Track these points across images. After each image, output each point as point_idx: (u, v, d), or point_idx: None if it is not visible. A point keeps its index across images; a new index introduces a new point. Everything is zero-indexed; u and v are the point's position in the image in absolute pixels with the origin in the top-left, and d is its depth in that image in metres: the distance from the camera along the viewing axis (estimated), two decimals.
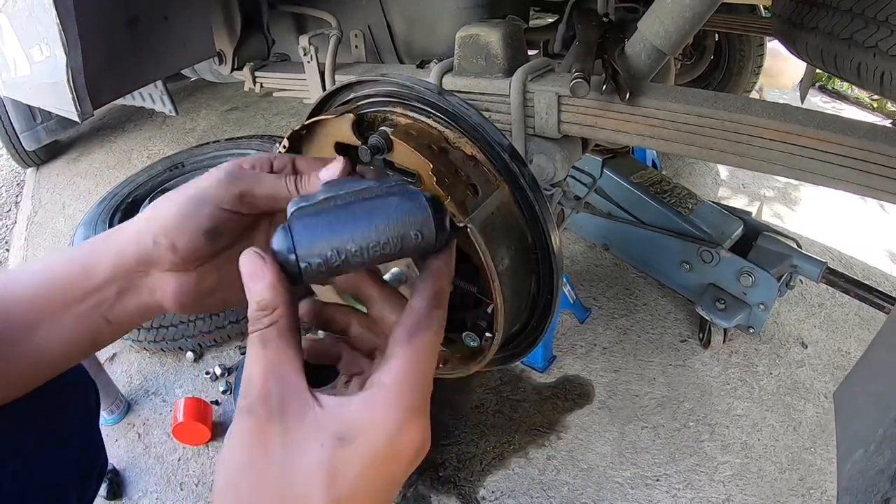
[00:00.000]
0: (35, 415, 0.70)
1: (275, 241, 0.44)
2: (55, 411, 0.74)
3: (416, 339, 0.44)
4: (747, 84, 3.22)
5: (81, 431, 0.80)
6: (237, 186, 0.54)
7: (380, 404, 0.41)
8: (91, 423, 0.85)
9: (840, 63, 1.02)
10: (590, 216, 2.34)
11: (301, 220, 0.44)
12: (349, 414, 0.40)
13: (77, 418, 0.80)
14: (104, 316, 0.58)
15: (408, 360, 0.43)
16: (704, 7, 0.89)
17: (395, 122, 0.68)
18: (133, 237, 0.56)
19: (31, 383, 0.63)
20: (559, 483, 1.58)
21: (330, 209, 0.45)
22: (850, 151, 0.81)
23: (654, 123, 0.98)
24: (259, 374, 0.41)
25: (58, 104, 1.16)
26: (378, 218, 0.44)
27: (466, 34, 1.11)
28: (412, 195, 0.45)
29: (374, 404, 0.41)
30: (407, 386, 0.42)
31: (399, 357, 0.43)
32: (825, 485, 1.58)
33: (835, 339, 2.07)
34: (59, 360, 0.61)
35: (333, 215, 0.44)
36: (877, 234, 2.76)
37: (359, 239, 0.43)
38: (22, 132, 3.38)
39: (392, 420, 0.40)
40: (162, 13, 1.26)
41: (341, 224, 0.44)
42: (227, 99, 4.37)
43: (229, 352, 2.04)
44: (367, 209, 0.44)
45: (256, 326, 0.42)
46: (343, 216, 0.44)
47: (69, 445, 0.76)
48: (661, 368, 1.93)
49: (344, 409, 0.40)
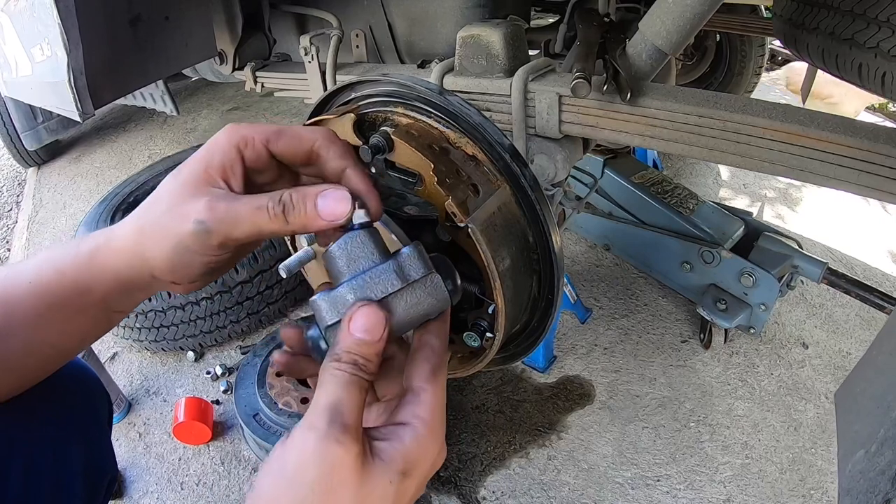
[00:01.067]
0: (44, 415, 0.71)
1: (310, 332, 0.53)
2: (65, 415, 0.76)
3: (440, 375, 0.51)
4: (748, 84, 3.22)
5: (90, 439, 0.81)
6: (213, 239, 0.50)
7: (426, 438, 0.48)
8: (101, 432, 0.85)
9: (841, 63, 1.02)
10: (591, 216, 2.33)
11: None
12: (407, 451, 0.47)
13: (87, 426, 0.81)
14: (110, 310, 0.60)
15: (436, 395, 0.50)
16: (705, 7, 0.89)
17: (397, 121, 0.68)
18: (128, 263, 0.54)
19: (44, 372, 0.64)
20: (560, 483, 1.58)
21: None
22: (851, 152, 0.81)
23: (655, 124, 0.98)
24: (351, 412, 0.45)
25: (59, 104, 1.16)
26: (409, 315, 0.51)
27: (468, 34, 1.11)
28: (436, 290, 0.52)
29: (422, 439, 0.48)
30: (438, 418, 0.49)
31: (429, 392, 0.50)
32: (826, 485, 1.58)
33: (836, 339, 2.07)
34: (68, 349, 0.62)
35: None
36: (878, 234, 2.76)
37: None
38: (23, 132, 3.38)
39: (434, 450, 0.49)
40: (163, 13, 1.26)
41: None
42: (229, 99, 4.37)
43: (230, 351, 2.04)
44: (396, 307, 0.51)
45: (353, 371, 0.47)
46: None
47: (76, 449, 0.76)
48: (662, 369, 1.93)
49: (402, 447, 0.47)
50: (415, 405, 0.49)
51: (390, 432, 0.48)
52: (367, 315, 0.48)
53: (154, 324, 1.87)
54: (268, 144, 0.53)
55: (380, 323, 0.48)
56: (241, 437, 1.72)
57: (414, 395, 0.50)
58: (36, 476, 0.68)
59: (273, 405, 1.56)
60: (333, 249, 0.52)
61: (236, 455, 1.68)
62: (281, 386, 1.61)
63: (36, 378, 0.64)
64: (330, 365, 0.47)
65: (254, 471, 1.63)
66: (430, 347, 0.52)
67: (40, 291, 0.56)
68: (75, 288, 0.56)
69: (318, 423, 0.44)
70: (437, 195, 0.62)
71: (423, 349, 0.52)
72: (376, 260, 0.51)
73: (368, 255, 0.51)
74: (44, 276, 0.56)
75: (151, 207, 0.52)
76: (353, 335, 0.48)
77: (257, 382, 1.63)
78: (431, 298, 0.52)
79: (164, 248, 0.51)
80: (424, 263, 0.51)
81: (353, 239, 0.52)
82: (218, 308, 1.90)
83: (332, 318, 0.50)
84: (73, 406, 0.77)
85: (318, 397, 0.46)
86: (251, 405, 1.60)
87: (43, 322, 0.57)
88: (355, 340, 0.48)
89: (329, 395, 0.46)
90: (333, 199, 0.50)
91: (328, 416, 0.44)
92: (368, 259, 0.51)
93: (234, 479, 1.62)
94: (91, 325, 0.60)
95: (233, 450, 1.70)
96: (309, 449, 0.43)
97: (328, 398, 0.45)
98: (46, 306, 0.56)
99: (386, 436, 0.48)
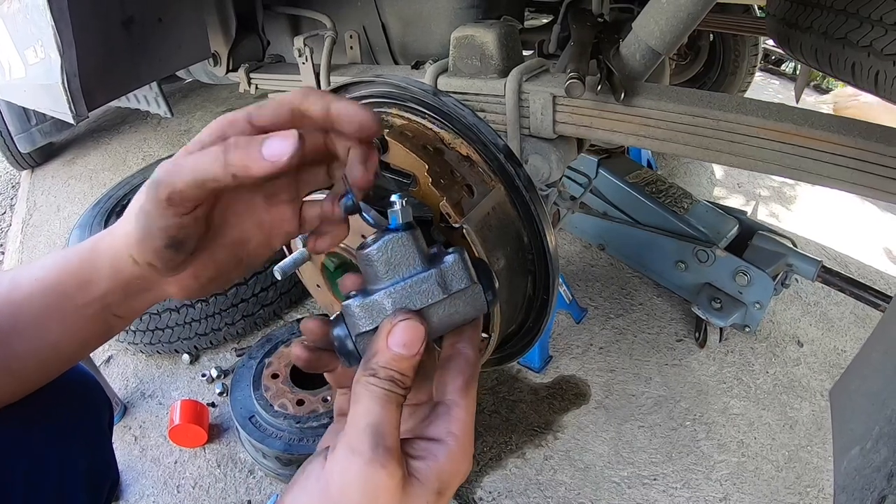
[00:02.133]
0: (47, 420, 0.71)
1: (337, 331, 0.50)
2: (68, 420, 0.75)
3: (472, 388, 0.50)
4: (742, 84, 3.23)
5: (93, 444, 0.81)
6: (160, 192, 0.46)
7: (458, 455, 0.47)
8: (103, 437, 0.85)
9: (835, 62, 1.02)
10: (585, 216, 2.34)
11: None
12: (441, 470, 0.46)
13: (89, 431, 0.81)
14: (113, 313, 0.59)
15: (468, 410, 0.49)
16: (699, 7, 0.89)
17: (391, 122, 0.68)
18: (121, 252, 0.53)
19: (46, 377, 0.64)
20: (556, 483, 1.58)
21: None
22: (845, 150, 0.82)
23: (649, 123, 0.98)
24: (391, 433, 0.44)
25: (53, 106, 1.15)
26: (445, 324, 0.50)
27: (461, 35, 1.11)
28: (476, 300, 0.50)
29: (454, 456, 0.47)
30: (469, 433, 0.48)
31: (462, 408, 0.48)
32: (822, 483, 1.59)
33: (830, 337, 2.08)
34: (73, 353, 0.62)
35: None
36: (872, 232, 2.77)
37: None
38: (16, 134, 3.36)
39: (466, 467, 0.48)
40: (157, 14, 1.26)
41: None
42: (223, 100, 4.36)
43: (225, 354, 2.04)
44: (433, 316, 0.49)
45: (391, 388, 0.46)
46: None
47: (79, 454, 0.76)
48: (658, 368, 1.93)
49: (437, 466, 0.46)
50: (448, 421, 0.48)
51: (425, 450, 0.47)
52: (407, 330, 0.47)
53: (149, 326, 1.86)
54: (250, 120, 0.49)
55: (419, 337, 0.47)
56: (236, 440, 1.71)
57: (446, 409, 0.48)
58: (38, 481, 0.68)
59: (269, 407, 1.55)
60: (373, 251, 0.49)
61: (232, 457, 1.68)
62: (276, 388, 1.60)
63: (36, 383, 0.63)
64: (366, 380, 0.46)
65: (250, 473, 1.63)
66: (464, 358, 0.51)
67: (46, 286, 0.56)
68: (78, 281, 0.56)
69: (362, 446, 0.43)
70: (431, 196, 0.62)
71: (456, 359, 0.51)
72: (418, 267, 0.49)
73: (410, 260, 0.49)
74: (50, 273, 0.57)
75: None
76: (392, 349, 0.46)
77: (253, 385, 1.63)
78: (469, 308, 0.50)
79: (130, 225, 0.50)
80: (468, 274, 0.49)
81: (394, 241, 0.49)
82: (213, 310, 1.90)
83: (367, 325, 0.48)
84: (75, 411, 0.77)
85: (357, 416, 0.45)
86: (247, 407, 1.59)
87: (47, 321, 0.57)
88: (393, 355, 0.46)
89: (369, 414, 0.44)
90: (279, 136, 0.44)
91: (371, 440, 0.43)
92: (410, 265, 0.49)
93: (230, 481, 1.62)
94: (91, 327, 0.59)
95: (229, 452, 1.69)
96: (353, 472, 0.43)
97: (368, 418, 0.44)
98: (51, 303, 0.56)
99: (421, 454, 0.47)
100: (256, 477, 1.62)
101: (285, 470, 1.54)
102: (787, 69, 4.89)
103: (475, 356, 0.51)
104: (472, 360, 0.51)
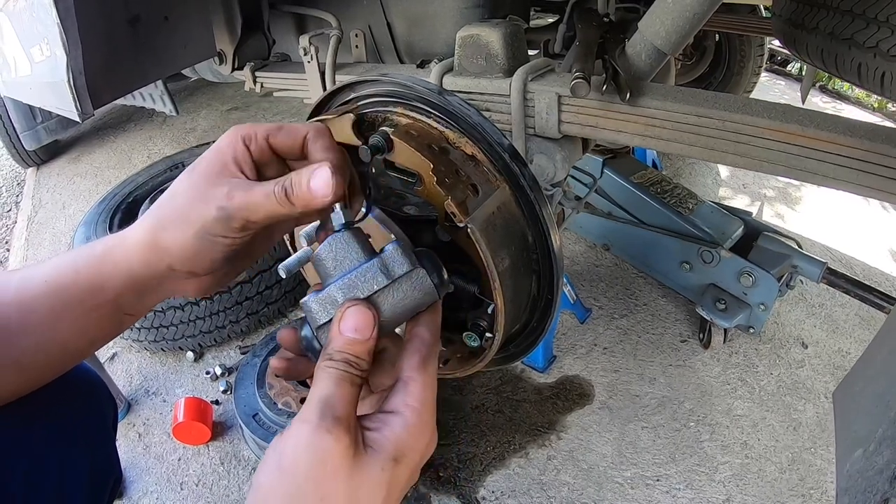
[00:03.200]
0: (49, 418, 0.72)
1: (304, 332, 0.54)
2: (70, 418, 0.76)
3: (430, 365, 0.52)
4: (748, 84, 3.22)
5: (95, 443, 0.81)
6: (235, 223, 0.53)
7: (415, 426, 0.49)
8: (106, 436, 0.86)
9: (840, 63, 1.02)
10: (590, 216, 2.34)
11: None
12: (397, 439, 0.48)
13: (92, 429, 0.81)
14: (125, 313, 0.61)
15: (425, 384, 0.51)
16: (705, 7, 0.89)
17: (396, 121, 0.68)
18: (142, 258, 0.56)
19: (52, 373, 0.65)
20: (559, 483, 1.58)
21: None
22: (850, 152, 0.81)
23: (654, 123, 0.98)
24: (343, 405, 0.47)
25: (58, 104, 1.16)
26: (398, 311, 0.53)
27: (467, 34, 1.11)
28: (422, 284, 0.52)
29: (412, 427, 0.49)
30: (428, 406, 0.50)
31: (419, 382, 0.51)
32: (825, 485, 1.58)
33: (835, 339, 2.07)
34: (78, 350, 0.64)
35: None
36: (877, 234, 2.76)
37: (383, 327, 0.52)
38: (22, 132, 3.37)
39: (425, 437, 0.50)
40: (162, 13, 1.26)
41: None
42: (228, 99, 4.37)
43: (229, 351, 2.04)
44: (384, 303, 0.52)
45: (346, 369, 0.49)
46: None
47: (81, 453, 0.76)
48: (662, 368, 1.93)
49: (392, 435, 0.48)
50: (404, 394, 0.50)
51: (380, 421, 0.49)
52: (355, 314, 0.50)
53: (154, 324, 1.87)
54: (268, 138, 0.56)
55: (369, 321, 0.50)
56: (240, 438, 1.72)
57: (403, 384, 0.51)
58: (38, 479, 0.68)
59: (272, 405, 1.56)
60: (320, 252, 0.54)
61: (236, 455, 1.68)
62: (280, 386, 1.61)
63: (42, 379, 0.64)
64: (323, 364, 0.49)
65: (253, 470, 1.63)
66: (419, 338, 0.53)
67: (56, 290, 0.58)
68: (90, 286, 0.57)
69: (310, 416, 0.46)
70: (436, 195, 0.61)
71: (413, 340, 0.53)
72: (362, 259, 0.52)
73: (353, 254, 0.53)
74: (61, 275, 0.58)
75: (168, 202, 0.55)
76: (344, 334, 0.49)
77: (257, 382, 1.63)
78: (418, 293, 0.52)
79: (187, 235, 0.54)
80: (409, 259, 0.52)
81: (337, 240, 0.53)
82: (217, 308, 1.90)
83: (323, 318, 0.52)
84: (78, 410, 0.78)
85: (311, 394, 0.48)
86: (250, 405, 1.60)
87: (57, 321, 0.58)
88: (346, 340, 0.49)
89: (321, 390, 0.47)
90: (319, 177, 0.52)
91: (319, 410, 0.46)
92: (354, 259, 0.53)
93: (233, 479, 1.62)
94: (102, 326, 0.61)
95: (232, 450, 1.70)
96: (302, 441, 0.45)
97: (320, 393, 0.47)
98: (62, 304, 0.58)
99: (377, 425, 0.49)
100: None
101: None
102: (792, 70, 4.88)
103: (431, 337, 0.54)
104: (428, 339, 0.53)
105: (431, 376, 0.52)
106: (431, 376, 0.52)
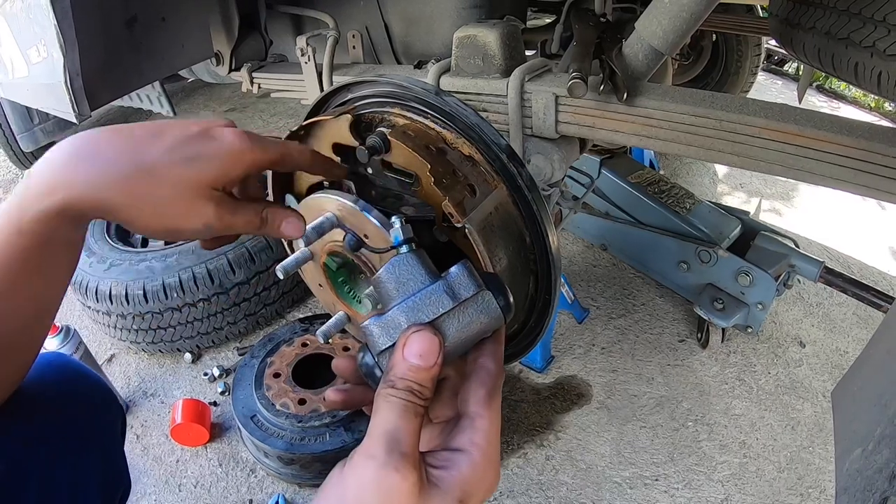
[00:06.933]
0: (62, 429, 0.72)
1: (364, 359, 0.52)
2: (82, 428, 0.77)
3: (495, 400, 0.51)
4: (745, 84, 3.22)
5: (106, 452, 0.82)
6: (211, 234, 0.59)
7: (482, 466, 0.47)
8: (115, 444, 0.86)
9: (837, 63, 1.02)
10: (588, 216, 2.34)
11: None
12: (463, 479, 0.46)
13: (102, 439, 0.81)
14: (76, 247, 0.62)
15: (492, 421, 0.49)
16: (701, 7, 0.89)
17: (393, 122, 0.68)
18: (94, 213, 0.55)
19: (39, 325, 0.64)
20: (558, 483, 1.58)
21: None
22: (847, 151, 0.82)
23: (651, 123, 0.98)
24: (408, 440, 0.45)
25: (55, 105, 1.16)
26: (463, 336, 0.51)
27: (464, 34, 1.11)
28: (488, 307, 0.51)
29: (478, 466, 0.47)
30: (494, 445, 0.49)
31: (485, 419, 0.49)
32: (824, 484, 1.58)
33: (833, 338, 2.08)
34: (54, 296, 0.63)
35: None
36: (874, 233, 2.77)
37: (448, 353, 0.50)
38: (19, 133, 3.36)
39: (489, 477, 0.48)
40: (159, 14, 1.26)
41: None
42: (225, 100, 4.37)
43: (227, 353, 2.04)
44: (448, 328, 0.50)
45: (409, 398, 0.47)
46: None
47: (92, 463, 0.77)
48: (660, 368, 1.93)
49: (459, 475, 0.46)
50: (471, 432, 0.49)
51: (447, 459, 0.47)
52: (420, 339, 0.48)
53: (151, 325, 1.86)
54: (268, 167, 0.61)
55: (434, 347, 0.48)
56: (238, 439, 1.71)
57: (469, 421, 0.49)
58: (53, 490, 0.69)
59: (270, 406, 1.55)
60: (381, 274, 0.52)
61: (234, 457, 1.68)
62: (278, 387, 1.61)
63: (29, 345, 0.64)
64: (385, 392, 0.47)
65: (251, 472, 1.63)
66: (485, 370, 0.52)
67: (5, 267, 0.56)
68: (39, 257, 0.57)
69: (377, 451, 0.44)
70: (433, 196, 0.62)
71: (477, 372, 0.52)
72: (425, 281, 0.51)
73: (417, 276, 0.51)
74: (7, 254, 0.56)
75: (145, 178, 0.54)
76: (408, 360, 0.48)
77: (255, 384, 1.63)
78: (484, 316, 0.51)
79: (160, 225, 0.56)
80: (474, 281, 0.50)
81: (400, 262, 0.52)
82: (215, 309, 1.90)
83: (385, 343, 0.50)
84: (89, 420, 0.78)
85: (375, 425, 0.46)
86: (248, 406, 1.59)
87: (16, 289, 0.57)
88: (409, 366, 0.48)
89: (386, 422, 0.45)
90: (292, 226, 0.61)
91: (386, 445, 0.44)
92: (417, 281, 0.51)
93: (231, 480, 1.62)
94: (61, 271, 0.61)
95: (230, 451, 1.70)
96: (368, 477, 0.44)
97: (385, 426, 0.45)
98: (15, 276, 0.56)
99: (443, 463, 0.47)
100: (258, 476, 1.62)
101: (287, 469, 1.54)
102: (789, 69, 4.88)
103: (496, 368, 0.52)
104: (493, 372, 0.52)
105: (496, 412, 0.50)
106: (496, 412, 0.50)
